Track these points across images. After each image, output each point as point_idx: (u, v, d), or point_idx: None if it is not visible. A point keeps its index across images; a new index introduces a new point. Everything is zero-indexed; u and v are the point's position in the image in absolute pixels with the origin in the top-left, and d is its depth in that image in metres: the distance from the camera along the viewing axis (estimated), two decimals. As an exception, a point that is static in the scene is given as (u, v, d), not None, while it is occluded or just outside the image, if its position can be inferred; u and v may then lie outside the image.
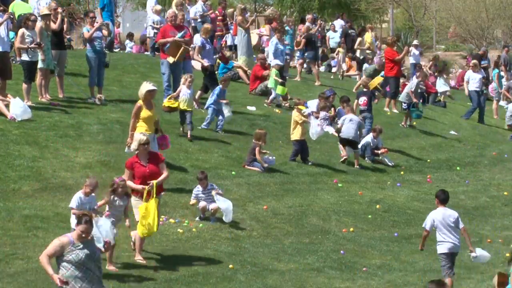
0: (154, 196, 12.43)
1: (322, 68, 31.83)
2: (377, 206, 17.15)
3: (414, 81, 23.88)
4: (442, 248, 12.90)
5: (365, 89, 21.80)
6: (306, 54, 28.28)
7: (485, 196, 19.47)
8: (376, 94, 22.72)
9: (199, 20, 25.62)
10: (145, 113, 15.19)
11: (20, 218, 14.17)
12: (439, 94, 30.37)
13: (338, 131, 20.00)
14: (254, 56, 26.18)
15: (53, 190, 15.34)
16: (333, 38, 33.64)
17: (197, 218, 15.18)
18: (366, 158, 20.23)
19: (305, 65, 29.29)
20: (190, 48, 20.59)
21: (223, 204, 14.96)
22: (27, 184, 15.32)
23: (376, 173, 19.49)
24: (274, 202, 16.50)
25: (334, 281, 13.41)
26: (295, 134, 18.91)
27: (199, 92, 21.17)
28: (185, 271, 12.98)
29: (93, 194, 12.37)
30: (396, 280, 13.38)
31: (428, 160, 21.46)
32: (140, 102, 15.30)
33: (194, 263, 13.48)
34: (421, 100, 25.76)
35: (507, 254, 11.12)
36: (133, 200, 12.66)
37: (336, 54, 32.16)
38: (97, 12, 25.49)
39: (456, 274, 13.95)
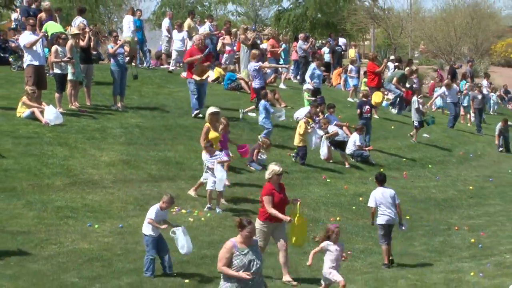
0: (298, 213, 12.16)
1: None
2: (360, 199, 17.15)
3: (415, 99, 23.83)
4: (380, 220, 13.56)
5: (364, 99, 21.73)
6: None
7: (453, 189, 19.49)
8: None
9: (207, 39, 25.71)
10: (212, 134, 15.58)
11: (53, 209, 14.20)
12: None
13: (329, 135, 19.97)
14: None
15: (81, 184, 15.37)
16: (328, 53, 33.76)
17: (205, 208, 15.19)
18: (353, 158, 20.18)
19: (298, 77, 29.34)
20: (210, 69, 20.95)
21: (219, 173, 15.00)
22: (59, 180, 15.34)
23: (360, 170, 19.51)
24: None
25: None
26: (301, 141, 18.83)
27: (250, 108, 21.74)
28: (195, 254, 12.95)
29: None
30: (377, 262, 13.40)
31: (404, 159, 21.47)
32: (207, 125, 15.66)
33: (203, 247, 13.48)
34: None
35: None
36: (258, 224, 11.80)
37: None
38: (121, 32, 25.51)
39: (427, 257, 13.99)
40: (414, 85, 27.25)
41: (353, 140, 20.22)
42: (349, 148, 20.17)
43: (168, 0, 49.51)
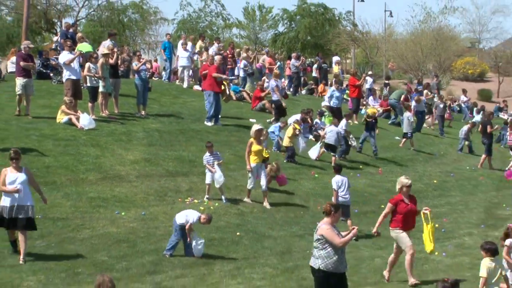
0: (430, 222, 11.18)
1: (303, 91, 31.84)
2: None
3: (406, 114, 23.78)
4: (337, 201, 13.88)
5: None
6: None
7: (420, 183, 19.46)
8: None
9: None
10: (255, 147, 15.27)
11: (87, 199, 14.21)
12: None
13: (320, 137, 19.94)
14: (255, 82, 26.24)
15: (110, 179, 15.38)
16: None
17: (205, 198, 15.20)
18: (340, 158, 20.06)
19: (291, 89, 29.36)
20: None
21: (218, 174, 15.02)
22: (92, 175, 15.35)
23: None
24: (269, 188, 16.49)
25: (312, 244, 13.38)
26: (289, 142, 18.75)
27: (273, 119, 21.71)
28: (205, 237, 12.94)
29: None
30: (356, 243, 13.36)
31: (380, 158, 21.47)
32: (252, 139, 15.37)
33: (212, 232, 13.48)
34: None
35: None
36: (393, 232, 11.04)
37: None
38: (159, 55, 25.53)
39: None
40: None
41: (342, 125, 20.14)
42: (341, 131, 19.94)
43: (183, 25, 49.50)
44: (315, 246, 8.66)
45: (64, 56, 18.59)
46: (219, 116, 20.38)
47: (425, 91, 29.81)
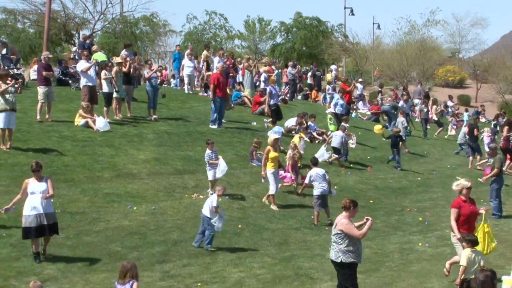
0: (483, 222, 10.53)
1: (299, 97, 31.84)
2: (335, 187, 17.13)
3: (400, 119, 23.65)
4: (316, 192, 14.27)
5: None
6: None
7: (405, 180, 19.47)
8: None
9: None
10: (272, 154, 15.02)
11: (102, 195, 14.22)
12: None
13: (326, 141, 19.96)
14: (255, 89, 26.24)
15: (123, 176, 15.39)
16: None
17: (209, 193, 15.01)
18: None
19: (288, 95, 29.35)
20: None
21: (223, 164, 15.05)
22: (107, 173, 15.36)
23: (334, 166, 19.44)
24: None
25: (307, 236, 13.41)
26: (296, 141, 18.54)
27: (270, 120, 21.47)
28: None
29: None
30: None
31: (368, 157, 21.43)
32: (269, 147, 15.15)
33: (216, 224, 13.47)
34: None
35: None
36: (454, 239, 10.30)
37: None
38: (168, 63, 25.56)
39: (386, 232, 13.97)
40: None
41: (340, 137, 20.12)
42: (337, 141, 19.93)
43: (189, 36, 49.52)
44: (334, 240, 8.65)
45: (82, 65, 18.59)
46: (222, 120, 20.35)
47: (434, 107, 29.81)
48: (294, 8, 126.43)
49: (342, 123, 20.64)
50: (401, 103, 27.78)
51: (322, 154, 19.38)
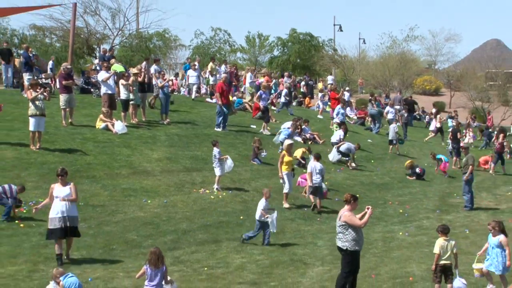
0: None
1: (294, 103, 31.78)
2: (326, 183, 17.13)
3: (392, 125, 23.41)
4: (309, 183, 14.59)
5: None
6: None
7: (387, 177, 19.46)
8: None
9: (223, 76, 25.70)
10: (287, 158, 14.72)
11: (120, 189, 14.21)
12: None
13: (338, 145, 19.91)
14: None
15: (139, 173, 15.37)
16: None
17: (215, 188, 15.13)
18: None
19: (278, 99, 29.34)
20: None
21: (230, 161, 15.27)
22: (124, 170, 15.34)
23: (326, 164, 19.44)
24: (266, 180, 16.49)
25: (301, 226, 13.41)
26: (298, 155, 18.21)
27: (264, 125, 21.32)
28: (215, 220, 12.97)
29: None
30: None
31: (355, 156, 21.42)
32: (284, 152, 14.89)
33: (220, 216, 13.48)
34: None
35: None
36: None
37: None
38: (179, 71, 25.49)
39: (370, 222, 13.89)
40: (391, 116, 26.87)
41: (338, 135, 20.08)
42: (334, 139, 19.92)
43: (197, 50, 49.44)
44: (339, 231, 8.64)
45: (102, 75, 18.60)
46: (226, 123, 20.33)
47: (438, 116, 29.74)
48: (290, 25, 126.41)
49: (344, 129, 20.80)
50: (387, 108, 27.77)
51: (334, 155, 19.50)
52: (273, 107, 26.66)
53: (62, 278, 8.62)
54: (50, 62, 25.33)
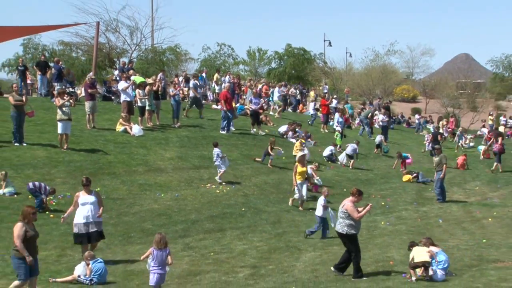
0: None
1: (289, 109, 31.73)
2: (317, 178, 17.09)
3: (378, 138, 22.96)
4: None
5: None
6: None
7: (371, 173, 19.41)
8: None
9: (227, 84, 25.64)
10: (300, 169, 13.89)
11: (137, 185, 14.19)
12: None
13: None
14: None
15: (153, 171, 15.35)
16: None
17: (218, 179, 15.12)
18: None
19: (268, 104, 29.24)
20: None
21: (227, 159, 15.31)
22: (141, 168, 15.32)
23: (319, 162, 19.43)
24: (265, 177, 16.48)
25: (295, 217, 13.38)
26: (295, 151, 17.71)
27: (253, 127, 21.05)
28: (219, 211, 12.95)
29: None
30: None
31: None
32: (297, 163, 14.01)
33: (225, 208, 13.46)
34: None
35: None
36: None
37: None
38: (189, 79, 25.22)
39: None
40: (381, 123, 26.35)
41: (330, 149, 19.91)
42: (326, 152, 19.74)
43: (204, 62, 49.44)
44: (341, 216, 8.61)
45: (122, 85, 18.58)
46: (230, 127, 20.27)
47: (441, 122, 29.61)
48: (286, 40, 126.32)
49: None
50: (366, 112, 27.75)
51: (343, 158, 19.50)
52: (271, 113, 26.60)
53: (92, 262, 8.63)
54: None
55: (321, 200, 11.60)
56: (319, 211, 11.53)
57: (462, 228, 12.41)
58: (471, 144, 26.98)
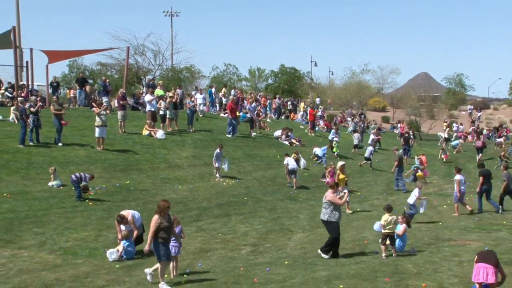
0: None
1: (283, 117, 31.69)
2: (305, 174, 17.02)
3: (369, 149, 20.92)
4: (289, 167, 14.40)
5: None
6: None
7: (349, 169, 19.09)
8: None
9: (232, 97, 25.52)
10: (341, 176, 12.69)
11: (160, 179, 14.15)
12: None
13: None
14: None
15: (172, 167, 15.30)
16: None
17: (217, 176, 14.93)
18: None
19: (275, 116, 29.21)
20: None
21: (226, 161, 15.21)
22: (162, 165, 15.28)
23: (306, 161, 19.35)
24: (263, 172, 16.43)
25: (288, 205, 13.33)
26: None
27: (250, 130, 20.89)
28: (226, 200, 12.90)
29: None
30: (316, 208, 13.28)
31: (327, 155, 21.25)
32: (339, 171, 12.83)
33: (230, 197, 13.41)
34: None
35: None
36: None
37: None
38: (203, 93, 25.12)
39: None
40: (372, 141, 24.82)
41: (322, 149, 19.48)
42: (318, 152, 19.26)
43: (214, 79, 49.43)
44: (324, 206, 8.48)
45: (147, 97, 18.54)
46: (235, 131, 20.21)
47: (444, 127, 29.56)
48: (280, 61, 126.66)
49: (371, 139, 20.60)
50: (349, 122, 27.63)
51: (363, 161, 19.29)
52: (268, 120, 26.54)
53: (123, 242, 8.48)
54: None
55: (415, 192, 11.08)
56: (411, 199, 11.02)
57: (422, 214, 12.37)
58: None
